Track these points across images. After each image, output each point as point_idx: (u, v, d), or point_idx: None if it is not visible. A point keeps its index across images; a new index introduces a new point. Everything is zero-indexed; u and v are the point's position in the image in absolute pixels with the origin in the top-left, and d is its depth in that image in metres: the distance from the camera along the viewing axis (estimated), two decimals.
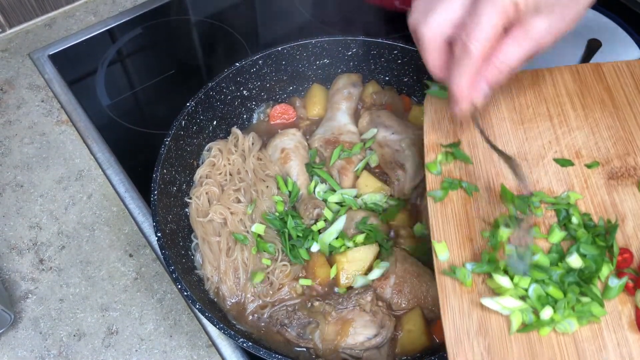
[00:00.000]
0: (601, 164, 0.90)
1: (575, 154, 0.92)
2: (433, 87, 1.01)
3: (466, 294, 0.81)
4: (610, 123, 0.94)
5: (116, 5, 1.71)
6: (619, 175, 0.89)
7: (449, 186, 0.91)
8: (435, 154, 0.95)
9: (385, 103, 1.33)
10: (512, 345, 0.76)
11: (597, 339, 0.75)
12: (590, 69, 1.01)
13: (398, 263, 1.08)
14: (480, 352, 0.76)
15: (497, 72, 0.81)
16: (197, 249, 1.13)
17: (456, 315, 0.79)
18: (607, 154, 0.91)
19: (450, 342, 0.77)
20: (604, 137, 0.93)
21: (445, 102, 0.99)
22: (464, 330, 0.78)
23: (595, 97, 0.97)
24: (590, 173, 0.90)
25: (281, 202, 1.17)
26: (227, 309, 1.07)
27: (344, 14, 1.63)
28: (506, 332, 0.77)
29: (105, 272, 1.20)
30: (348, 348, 1.00)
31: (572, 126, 0.95)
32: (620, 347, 0.74)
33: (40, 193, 1.31)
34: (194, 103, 1.19)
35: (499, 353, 0.75)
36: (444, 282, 0.82)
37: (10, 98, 1.48)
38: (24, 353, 1.10)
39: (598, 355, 0.74)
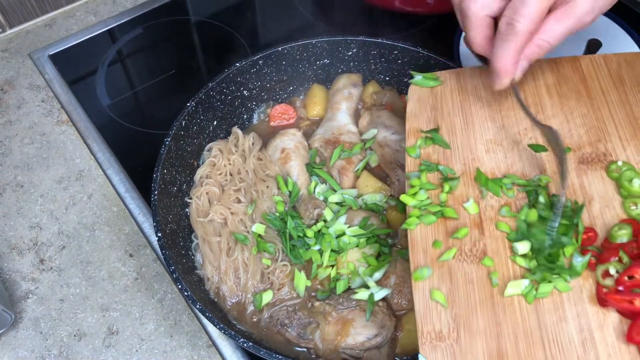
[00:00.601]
0: (573, 150, 0.95)
1: (549, 140, 0.96)
2: (417, 77, 1.08)
3: (437, 268, 0.86)
4: (584, 111, 0.99)
5: (116, 5, 1.71)
6: (589, 161, 0.93)
7: (427, 168, 0.96)
8: (415, 139, 1.01)
9: (385, 103, 1.33)
10: (477, 314, 0.81)
11: (558, 311, 0.79)
12: (568, 61, 1.06)
13: (398, 263, 1.08)
14: (447, 320, 0.81)
15: (538, 49, 0.85)
16: (198, 249, 1.13)
17: (426, 288, 0.84)
18: (580, 140, 0.96)
19: (419, 312, 0.83)
20: (577, 125, 0.97)
21: (427, 92, 1.06)
22: (434, 302, 0.83)
23: (571, 87, 1.02)
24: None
25: (281, 202, 1.17)
26: (227, 309, 1.07)
27: (344, 14, 1.63)
28: (473, 302, 0.82)
29: (105, 272, 1.20)
30: (348, 348, 1.00)
31: (548, 114, 1.00)
32: (580, 318, 0.78)
33: (41, 193, 1.31)
34: (194, 103, 1.19)
35: (465, 321, 0.81)
36: (416, 254, 0.88)
37: (11, 98, 1.48)
38: (25, 353, 1.10)
39: (558, 325, 0.78)
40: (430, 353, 0.79)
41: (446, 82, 1.07)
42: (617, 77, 1.01)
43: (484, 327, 0.80)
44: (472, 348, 0.78)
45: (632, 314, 0.76)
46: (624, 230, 0.82)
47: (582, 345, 0.76)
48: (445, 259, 0.86)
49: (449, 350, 0.79)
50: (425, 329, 0.81)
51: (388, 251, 1.10)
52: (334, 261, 1.10)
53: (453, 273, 0.85)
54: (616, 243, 0.82)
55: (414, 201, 0.93)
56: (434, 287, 0.84)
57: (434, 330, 0.80)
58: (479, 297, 0.83)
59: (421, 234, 0.90)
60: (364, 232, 1.10)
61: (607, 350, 0.75)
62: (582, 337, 0.77)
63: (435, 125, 1.01)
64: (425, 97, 1.06)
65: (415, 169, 0.98)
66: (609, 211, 0.87)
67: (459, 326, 0.80)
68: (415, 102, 1.06)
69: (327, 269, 1.09)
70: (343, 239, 1.10)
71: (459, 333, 0.80)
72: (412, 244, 0.89)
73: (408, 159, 0.99)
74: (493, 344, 0.78)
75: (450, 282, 0.84)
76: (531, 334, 0.78)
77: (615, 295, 0.77)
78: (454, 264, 0.86)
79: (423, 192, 0.94)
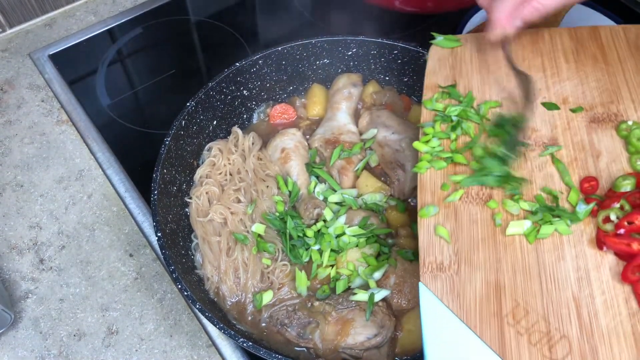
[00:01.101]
0: (585, 110, 0.99)
1: (563, 100, 1.00)
2: (439, 38, 1.12)
3: (443, 208, 0.91)
4: (600, 76, 1.02)
5: (116, 5, 1.71)
6: (600, 120, 0.97)
7: (441, 119, 1.01)
8: (433, 93, 1.06)
9: (385, 103, 1.33)
10: (478, 250, 0.86)
11: (557, 251, 0.84)
12: (587, 31, 1.09)
13: (398, 263, 1.08)
14: (449, 254, 0.86)
15: (533, 11, 0.93)
16: (197, 248, 1.13)
17: (431, 224, 0.90)
18: (592, 101, 1.00)
19: (423, 245, 0.88)
20: (592, 87, 1.01)
21: (447, 52, 1.11)
22: (437, 237, 0.88)
23: (588, 54, 1.06)
24: (573, 116, 0.98)
25: (281, 202, 1.17)
26: (227, 309, 1.07)
27: (344, 14, 1.63)
28: (475, 240, 0.87)
29: (105, 272, 1.20)
30: (348, 348, 1.00)
31: (563, 77, 1.04)
32: (578, 259, 0.83)
33: (41, 193, 1.31)
34: (194, 103, 1.19)
35: (467, 256, 0.85)
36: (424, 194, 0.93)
37: (11, 98, 1.48)
38: (24, 353, 1.10)
39: (556, 264, 0.83)
40: (431, 282, 0.84)
41: (466, 44, 1.11)
42: (635, 46, 1.04)
43: (484, 262, 0.84)
44: (471, 279, 0.83)
45: (629, 256, 0.81)
46: (628, 180, 0.86)
47: (578, 282, 0.81)
48: (451, 200, 0.91)
49: (449, 281, 0.83)
50: (427, 260, 0.86)
51: (388, 251, 1.10)
52: (333, 261, 1.10)
53: (458, 213, 0.90)
54: (620, 192, 0.86)
55: (426, 147, 0.98)
56: (439, 224, 0.89)
57: (435, 262, 0.86)
58: (481, 235, 0.87)
59: (430, 177, 0.95)
60: (363, 232, 1.10)
61: (601, 287, 0.80)
62: (578, 275, 0.81)
63: (453, 82, 1.06)
64: (445, 57, 1.10)
65: (430, 119, 1.02)
66: (616, 165, 0.91)
67: (460, 260, 0.85)
68: (436, 61, 1.10)
69: (327, 269, 1.09)
70: (343, 239, 1.10)
71: (460, 266, 0.84)
72: (420, 186, 0.94)
73: (424, 111, 1.04)
74: (492, 276, 0.83)
75: (454, 221, 0.89)
76: (529, 269, 0.83)
77: (614, 238, 0.82)
78: (460, 205, 0.91)
79: (436, 139, 0.99)
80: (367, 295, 1.03)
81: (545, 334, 0.77)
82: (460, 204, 0.91)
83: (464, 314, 0.80)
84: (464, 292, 0.82)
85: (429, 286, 0.83)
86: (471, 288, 0.82)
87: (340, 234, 1.11)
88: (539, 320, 0.78)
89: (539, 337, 0.77)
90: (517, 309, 0.79)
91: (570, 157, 0.93)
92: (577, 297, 0.79)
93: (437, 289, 0.83)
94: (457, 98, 1.03)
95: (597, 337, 0.76)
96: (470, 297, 0.81)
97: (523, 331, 0.77)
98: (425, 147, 0.98)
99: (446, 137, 0.99)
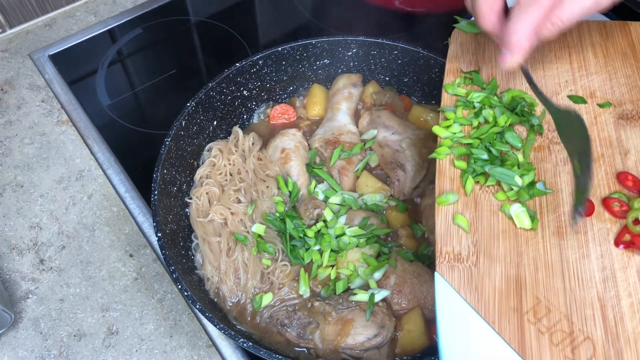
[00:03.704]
0: (613, 105, 0.96)
1: (590, 94, 0.97)
2: (462, 22, 1.10)
3: (462, 196, 0.87)
4: (629, 73, 0.99)
5: (116, 5, 1.71)
6: (629, 117, 0.94)
7: (463, 105, 0.98)
8: (455, 77, 1.03)
9: (385, 103, 1.33)
10: (499, 242, 0.82)
11: (582, 248, 0.81)
12: (618, 25, 1.07)
13: (398, 263, 1.08)
14: (467, 245, 0.82)
15: (551, 27, 0.83)
16: (198, 249, 1.13)
17: (449, 212, 0.86)
18: (621, 97, 0.96)
19: (440, 233, 0.84)
20: (620, 83, 0.98)
21: (470, 37, 1.09)
22: (455, 227, 0.85)
23: (617, 50, 1.03)
24: (601, 111, 0.95)
25: (281, 203, 1.17)
26: (227, 309, 1.07)
27: (344, 14, 1.63)
28: (495, 231, 0.83)
29: (105, 272, 1.20)
30: (348, 348, 1.00)
31: (591, 71, 1.01)
32: (604, 258, 0.79)
33: (41, 193, 1.31)
34: (194, 103, 1.19)
35: (486, 248, 0.82)
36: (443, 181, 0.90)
37: (11, 98, 1.48)
38: (24, 353, 1.10)
39: (580, 262, 0.79)
40: (447, 272, 0.80)
41: None
42: None
43: (504, 255, 0.81)
44: (490, 272, 0.79)
45: None
46: None
47: (603, 282, 0.77)
48: (472, 188, 0.88)
49: (467, 272, 0.80)
50: (444, 249, 0.82)
51: (388, 251, 1.10)
52: (333, 261, 1.10)
53: (479, 202, 0.87)
54: None
55: (447, 132, 0.95)
56: (458, 212, 0.86)
57: (452, 252, 0.82)
58: (502, 227, 0.84)
59: (450, 163, 0.92)
60: (363, 232, 1.10)
61: (628, 289, 0.76)
62: (603, 275, 0.77)
63: (476, 68, 1.04)
64: (467, 42, 1.09)
65: (451, 104, 1.00)
66: None
67: (479, 251, 0.81)
68: (458, 45, 1.08)
69: (327, 269, 1.09)
70: (343, 239, 1.10)
71: (478, 257, 0.81)
72: (439, 172, 0.91)
73: (445, 95, 1.01)
74: (512, 270, 0.79)
75: (474, 210, 0.86)
76: (552, 265, 0.79)
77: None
78: (481, 194, 0.87)
79: (457, 125, 0.96)
80: (367, 296, 1.03)
81: (568, 334, 0.73)
82: (481, 193, 0.87)
83: (482, 307, 0.76)
84: (483, 284, 0.78)
85: (445, 276, 0.79)
86: (490, 281, 0.79)
87: (340, 234, 1.11)
88: (561, 320, 0.75)
89: (561, 337, 0.73)
90: (538, 306, 0.76)
91: (597, 152, 0.90)
92: (602, 298, 0.76)
93: (454, 280, 0.79)
94: (480, 84, 1.01)
95: (623, 341, 0.72)
96: (489, 291, 0.78)
97: (544, 330, 0.74)
98: (446, 132, 0.95)
99: (468, 124, 0.96)
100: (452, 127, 0.95)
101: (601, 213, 0.84)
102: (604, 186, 0.87)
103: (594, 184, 0.87)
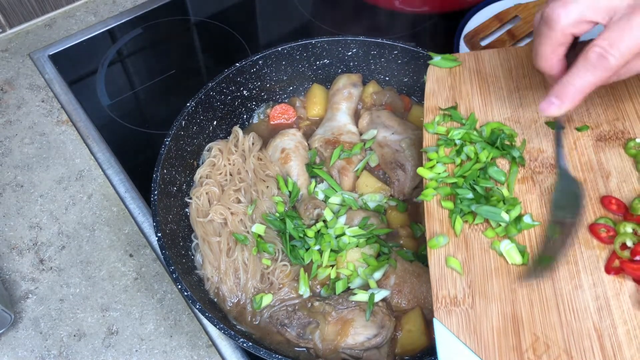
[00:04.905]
0: (591, 128, 0.96)
1: (567, 119, 0.98)
2: (436, 58, 1.10)
3: (453, 237, 0.88)
4: (603, 92, 1.00)
5: (116, 5, 1.71)
6: (607, 138, 0.94)
7: (444, 143, 0.98)
8: (434, 116, 1.03)
9: (385, 103, 1.33)
10: (492, 281, 0.82)
11: (574, 279, 0.81)
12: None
13: (398, 263, 1.08)
14: (462, 287, 0.82)
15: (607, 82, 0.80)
16: (197, 249, 1.13)
17: (442, 255, 0.86)
18: (598, 119, 0.97)
19: (435, 278, 0.84)
20: (596, 104, 0.99)
21: (446, 72, 1.09)
22: (449, 269, 0.85)
23: None
24: (580, 135, 0.96)
25: (281, 203, 1.17)
26: (227, 309, 1.07)
27: (344, 14, 1.63)
28: (488, 270, 0.83)
29: (105, 272, 1.20)
30: (348, 348, 1.00)
31: None
32: (596, 286, 0.79)
33: (41, 193, 1.31)
34: (194, 103, 1.19)
35: (481, 288, 0.82)
36: (433, 223, 0.90)
37: (11, 98, 1.48)
38: (24, 353, 1.11)
39: (574, 293, 0.79)
40: (445, 317, 0.80)
41: (464, 63, 1.09)
42: None
43: (498, 293, 0.81)
44: (487, 312, 0.80)
45: None
46: None
47: (598, 312, 0.77)
48: (461, 228, 0.88)
49: (464, 315, 0.80)
50: (440, 294, 0.82)
51: (388, 251, 1.10)
52: (333, 261, 1.10)
53: (469, 242, 0.87)
54: (638, 215, 0.83)
55: (431, 174, 0.95)
56: (450, 255, 0.86)
57: (448, 296, 0.82)
58: (494, 265, 0.84)
59: (437, 204, 0.92)
60: (363, 232, 1.10)
61: (622, 317, 0.76)
62: (598, 305, 0.78)
63: (454, 104, 1.04)
64: (443, 77, 1.08)
65: (433, 143, 1.00)
66: (627, 185, 0.88)
67: (474, 292, 0.82)
68: (434, 81, 1.08)
69: (327, 269, 1.09)
70: (343, 239, 1.10)
71: (474, 299, 0.81)
72: (428, 214, 0.91)
73: (426, 134, 1.01)
74: (508, 308, 0.79)
75: (466, 251, 0.86)
76: (546, 300, 0.79)
77: (632, 264, 0.79)
78: (470, 233, 0.87)
79: (440, 165, 0.96)
80: (367, 296, 1.03)
81: None
82: (471, 232, 0.87)
83: (482, 350, 0.76)
84: (481, 326, 0.78)
85: (444, 322, 0.80)
86: (487, 322, 0.79)
87: (340, 234, 1.11)
88: (560, 355, 0.74)
89: None
90: (537, 343, 0.76)
91: (579, 178, 0.90)
92: (598, 328, 0.76)
93: (453, 325, 0.79)
94: (459, 120, 1.00)
95: None
96: (487, 332, 0.78)
97: None
98: (430, 174, 0.95)
99: (451, 162, 0.96)
100: (436, 168, 0.95)
101: (589, 240, 0.84)
102: (589, 212, 0.87)
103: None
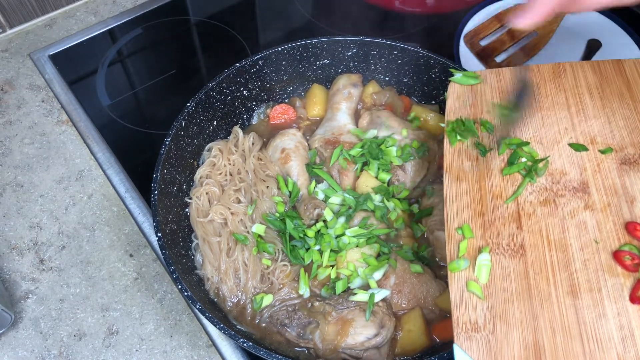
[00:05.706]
0: (615, 150, 0.95)
1: (590, 140, 0.96)
2: (457, 75, 1.08)
3: (473, 261, 0.85)
4: (627, 114, 0.98)
5: (116, 5, 1.71)
6: (632, 162, 0.92)
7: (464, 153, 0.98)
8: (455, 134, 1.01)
9: (385, 103, 1.33)
10: (514, 306, 0.81)
11: (597, 307, 0.79)
12: (611, 65, 1.05)
13: (398, 263, 1.08)
14: (483, 312, 0.81)
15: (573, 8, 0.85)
16: (198, 249, 1.13)
17: (462, 279, 0.84)
18: (622, 141, 0.95)
19: (455, 303, 0.82)
20: (620, 126, 0.97)
21: (467, 89, 1.07)
22: (469, 294, 0.83)
23: (614, 90, 1.02)
24: (603, 158, 0.94)
25: (281, 203, 1.17)
26: (227, 310, 1.07)
27: (344, 14, 1.63)
28: (509, 294, 0.82)
29: (105, 272, 1.20)
30: (348, 348, 1.00)
31: (589, 115, 1.00)
32: (620, 316, 0.78)
33: (41, 193, 1.31)
34: (194, 103, 1.19)
35: (502, 313, 0.80)
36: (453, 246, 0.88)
37: (11, 98, 1.48)
38: (25, 353, 1.11)
39: (597, 322, 0.77)
40: (466, 343, 0.79)
41: (486, 80, 1.07)
42: None
43: (520, 319, 0.79)
44: (508, 340, 0.78)
45: None
46: None
47: (622, 342, 0.75)
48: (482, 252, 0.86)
49: (485, 341, 0.78)
50: (460, 319, 0.81)
51: (388, 251, 1.10)
52: (333, 261, 1.10)
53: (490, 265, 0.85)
54: None
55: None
56: (471, 279, 0.84)
57: (469, 321, 0.80)
58: (515, 289, 0.82)
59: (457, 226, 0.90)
60: (363, 232, 1.10)
61: None
62: (622, 335, 0.76)
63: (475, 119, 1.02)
64: (464, 95, 1.07)
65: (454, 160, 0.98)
66: None
67: (495, 318, 0.80)
68: (455, 99, 1.07)
69: (327, 269, 1.09)
70: (343, 239, 1.10)
71: (495, 325, 0.79)
72: (448, 236, 0.89)
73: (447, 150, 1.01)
74: (530, 336, 0.78)
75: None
76: (569, 328, 0.77)
77: None
78: (491, 257, 0.86)
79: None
80: (367, 296, 1.03)
81: None
82: (492, 256, 0.86)
83: None
84: (502, 353, 0.77)
85: (464, 347, 0.78)
86: (509, 349, 0.77)
87: (340, 234, 1.11)
88: None
89: None
90: None
91: (602, 202, 0.88)
92: (622, 359, 0.74)
93: (473, 351, 0.77)
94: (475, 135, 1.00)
95: None
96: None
97: None
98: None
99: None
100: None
101: (613, 267, 0.82)
102: (613, 238, 0.85)
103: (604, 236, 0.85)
